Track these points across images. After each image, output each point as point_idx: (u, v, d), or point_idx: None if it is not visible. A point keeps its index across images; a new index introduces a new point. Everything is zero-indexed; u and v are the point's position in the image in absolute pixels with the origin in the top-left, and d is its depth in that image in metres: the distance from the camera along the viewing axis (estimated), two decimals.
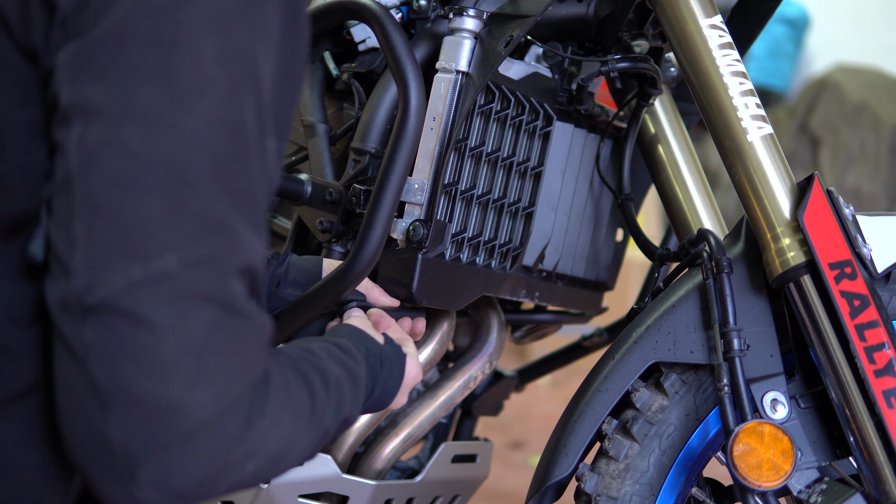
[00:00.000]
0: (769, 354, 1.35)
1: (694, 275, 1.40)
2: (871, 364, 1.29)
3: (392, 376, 1.25)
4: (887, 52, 5.61)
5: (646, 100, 1.64)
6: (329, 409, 1.06)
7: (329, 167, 1.54)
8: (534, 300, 1.65)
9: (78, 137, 0.90)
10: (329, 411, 1.06)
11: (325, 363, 1.10)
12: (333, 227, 1.48)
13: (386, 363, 1.25)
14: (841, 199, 1.35)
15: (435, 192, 1.42)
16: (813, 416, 1.36)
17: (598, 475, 1.39)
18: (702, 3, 1.43)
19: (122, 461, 0.89)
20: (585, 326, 1.92)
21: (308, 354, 1.10)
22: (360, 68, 1.55)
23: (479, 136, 1.50)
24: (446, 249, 1.47)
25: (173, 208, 0.90)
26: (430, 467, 1.65)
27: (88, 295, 0.88)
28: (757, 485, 1.28)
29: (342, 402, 1.10)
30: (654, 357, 1.38)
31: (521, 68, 1.54)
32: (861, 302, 1.30)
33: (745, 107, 1.39)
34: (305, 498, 1.52)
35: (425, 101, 1.40)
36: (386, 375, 1.24)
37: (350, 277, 1.34)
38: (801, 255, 1.33)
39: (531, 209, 1.59)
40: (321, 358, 1.11)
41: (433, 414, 1.61)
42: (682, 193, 1.67)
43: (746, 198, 1.38)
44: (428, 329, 1.56)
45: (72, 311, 0.89)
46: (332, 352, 1.14)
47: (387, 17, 1.42)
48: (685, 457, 1.39)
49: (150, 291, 0.88)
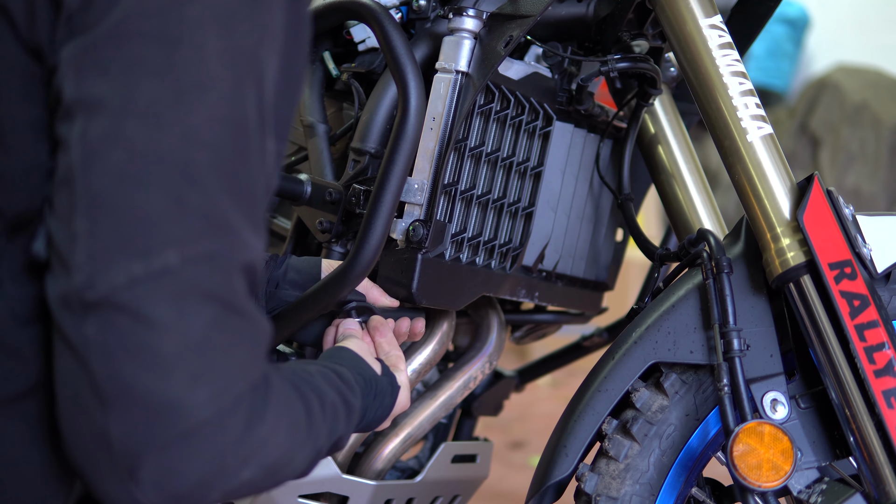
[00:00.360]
0: (769, 354, 1.35)
1: (694, 275, 1.40)
2: (871, 364, 1.29)
3: (383, 407, 1.26)
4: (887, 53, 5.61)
5: (645, 100, 1.64)
6: (324, 429, 1.06)
7: (329, 167, 1.54)
8: (534, 300, 1.65)
9: (80, 132, 0.90)
10: (324, 432, 1.06)
11: (322, 386, 1.10)
12: (333, 227, 1.48)
13: (379, 395, 1.25)
14: (841, 199, 1.35)
15: (435, 193, 1.42)
16: (813, 416, 1.36)
17: (598, 475, 1.39)
18: (702, 3, 1.43)
19: (123, 459, 0.88)
20: (585, 326, 1.92)
21: (306, 375, 1.09)
22: (360, 68, 1.55)
23: (478, 136, 1.50)
24: (446, 249, 1.47)
25: (175, 204, 0.90)
26: (430, 467, 1.65)
27: (89, 290, 0.88)
28: (757, 485, 1.28)
29: (336, 426, 1.09)
30: (654, 357, 1.38)
31: (520, 68, 1.54)
32: (861, 302, 1.30)
33: (745, 107, 1.39)
34: (305, 498, 1.52)
35: (425, 101, 1.40)
36: (377, 406, 1.25)
37: (350, 277, 1.34)
38: (801, 255, 1.33)
39: (531, 209, 1.59)
40: (319, 380, 1.11)
41: (433, 414, 1.61)
42: (682, 193, 1.67)
43: (746, 198, 1.38)
44: (428, 329, 1.56)
45: (72, 307, 0.88)
46: (330, 378, 1.14)
47: (386, 18, 1.42)
48: (685, 457, 1.39)
49: (151, 288, 0.88)
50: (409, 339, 1.48)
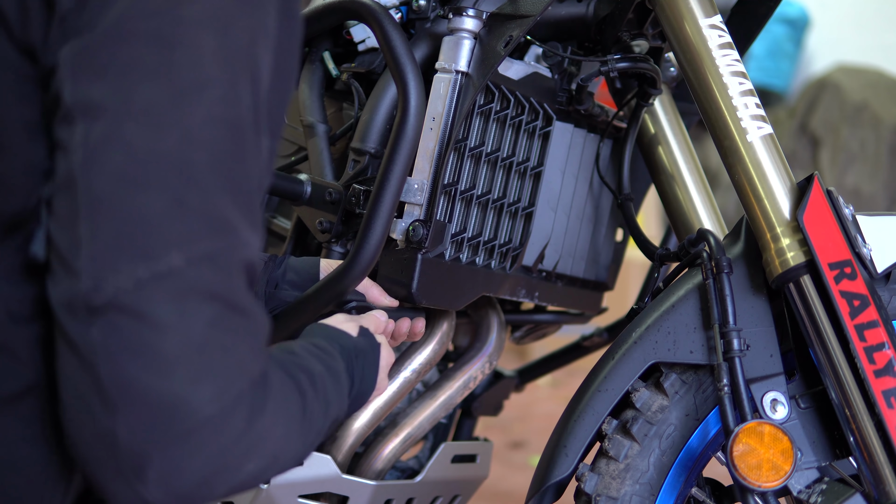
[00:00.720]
0: (769, 354, 1.35)
1: (694, 275, 1.40)
2: (871, 364, 1.29)
3: (368, 366, 1.25)
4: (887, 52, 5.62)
5: (645, 100, 1.64)
6: (318, 407, 1.06)
7: (329, 167, 1.54)
8: (534, 300, 1.65)
9: (80, 136, 0.90)
10: (318, 410, 1.06)
11: (307, 362, 1.11)
12: (333, 227, 1.48)
13: (360, 355, 1.25)
14: (841, 199, 1.35)
15: (434, 193, 1.42)
16: (813, 416, 1.36)
17: (598, 475, 1.39)
18: (701, 3, 1.43)
19: (129, 459, 0.89)
20: (585, 326, 1.92)
21: (291, 356, 1.10)
22: (360, 68, 1.55)
23: (478, 136, 1.50)
24: (446, 249, 1.47)
25: (176, 205, 0.90)
26: (430, 467, 1.65)
27: (95, 295, 0.88)
28: (757, 485, 1.28)
29: (328, 399, 1.10)
30: (654, 357, 1.38)
31: (520, 68, 1.54)
32: (861, 302, 1.30)
33: (745, 107, 1.39)
34: (305, 498, 1.52)
35: (425, 101, 1.40)
36: (363, 366, 1.24)
37: (350, 277, 1.34)
38: (801, 255, 1.33)
39: (531, 209, 1.59)
40: (303, 357, 1.11)
41: (433, 414, 1.61)
42: (681, 193, 1.67)
43: (746, 198, 1.38)
44: (428, 329, 1.56)
45: (77, 312, 0.89)
46: (311, 350, 1.15)
47: (386, 18, 1.42)
48: (685, 457, 1.39)
49: (155, 289, 0.88)
50: (409, 338, 1.48)
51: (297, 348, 1.14)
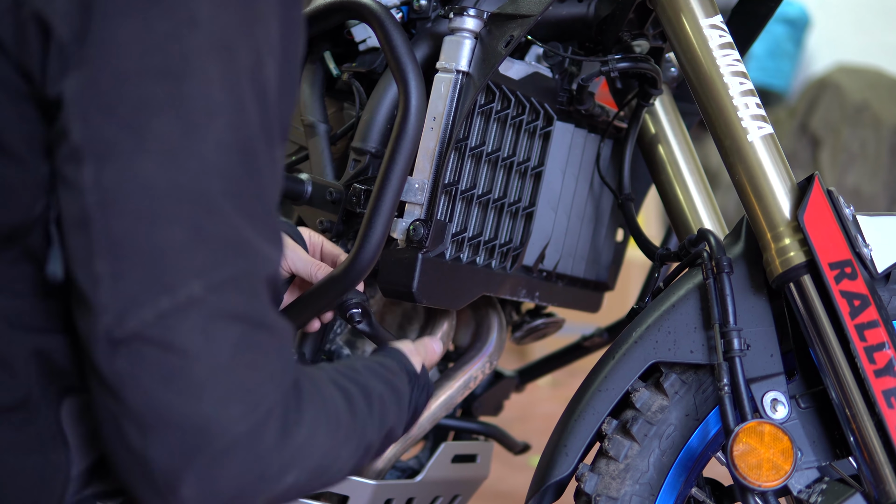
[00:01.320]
0: (769, 354, 1.35)
1: (694, 275, 1.40)
2: (871, 364, 1.29)
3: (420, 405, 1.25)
4: (887, 52, 5.62)
5: (646, 100, 1.64)
6: (371, 422, 1.07)
7: (329, 167, 1.54)
8: (534, 300, 1.65)
9: (93, 176, 0.90)
10: (371, 425, 1.07)
11: (366, 379, 1.11)
12: (334, 226, 1.48)
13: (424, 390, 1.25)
14: (841, 199, 1.35)
15: (435, 192, 1.42)
16: (813, 416, 1.36)
17: (597, 475, 1.39)
18: (702, 3, 1.43)
19: (164, 481, 0.90)
20: (585, 326, 1.92)
21: (350, 371, 1.11)
22: (361, 68, 1.55)
23: (479, 136, 1.50)
24: (446, 249, 1.47)
25: (195, 235, 0.91)
26: (430, 467, 1.65)
27: (118, 329, 0.89)
28: (757, 485, 1.28)
29: (385, 416, 1.11)
30: (654, 357, 1.38)
31: (521, 68, 1.54)
32: (861, 302, 1.30)
33: (746, 107, 1.39)
34: (305, 498, 1.52)
35: (425, 100, 1.40)
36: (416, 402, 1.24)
37: (350, 277, 1.34)
38: (802, 254, 1.33)
39: (531, 209, 1.59)
40: (362, 374, 1.12)
41: (433, 414, 1.61)
42: (682, 193, 1.67)
43: (746, 198, 1.38)
44: (428, 329, 1.56)
45: (100, 345, 0.90)
46: (374, 369, 1.15)
47: (387, 17, 1.42)
48: (685, 457, 1.39)
49: (178, 319, 0.89)
50: None
51: (360, 366, 1.15)
